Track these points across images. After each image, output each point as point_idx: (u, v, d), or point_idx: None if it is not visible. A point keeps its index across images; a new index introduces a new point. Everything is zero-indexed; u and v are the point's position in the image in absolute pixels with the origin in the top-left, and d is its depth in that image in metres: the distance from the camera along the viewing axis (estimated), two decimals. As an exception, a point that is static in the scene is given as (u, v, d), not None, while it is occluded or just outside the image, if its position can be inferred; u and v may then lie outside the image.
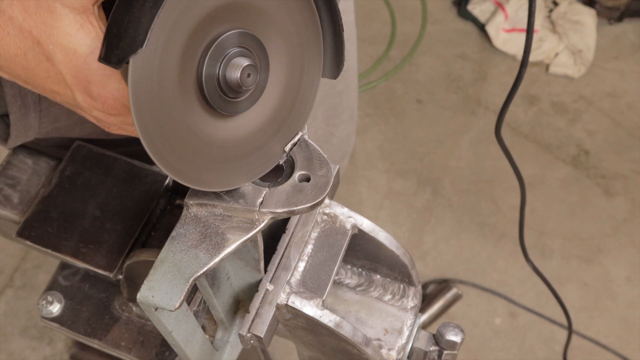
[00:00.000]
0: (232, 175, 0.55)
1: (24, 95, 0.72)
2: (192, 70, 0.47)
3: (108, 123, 0.51)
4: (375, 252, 0.70)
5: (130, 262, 0.68)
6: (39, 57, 0.47)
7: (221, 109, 0.50)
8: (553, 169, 2.22)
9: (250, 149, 0.55)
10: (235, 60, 0.48)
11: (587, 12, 2.49)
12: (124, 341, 0.77)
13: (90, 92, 0.47)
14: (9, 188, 0.78)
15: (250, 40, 0.49)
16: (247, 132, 0.54)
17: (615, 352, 1.90)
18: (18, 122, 0.74)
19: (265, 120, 0.55)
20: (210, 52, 0.47)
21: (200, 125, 0.50)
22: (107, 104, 0.48)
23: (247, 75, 0.49)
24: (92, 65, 0.46)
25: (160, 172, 0.77)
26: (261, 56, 0.51)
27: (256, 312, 0.61)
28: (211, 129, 0.51)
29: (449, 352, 0.68)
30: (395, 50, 2.48)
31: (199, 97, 0.48)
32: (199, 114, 0.49)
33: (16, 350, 1.85)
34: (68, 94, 0.49)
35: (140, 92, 0.44)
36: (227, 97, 0.50)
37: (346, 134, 1.22)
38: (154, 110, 0.45)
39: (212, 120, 0.50)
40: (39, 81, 0.49)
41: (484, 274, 2.02)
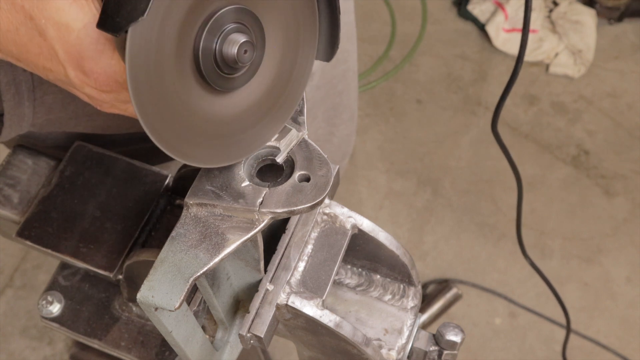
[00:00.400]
0: (227, 152, 0.54)
1: (18, 83, 0.72)
2: (189, 44, 0.47)
3: (100, 100, 0.50)
4: (375, 252, 0.70)
5: (130, 262, 0.68)
6: (31, 32, 0.47)
7: (216, 85, 0.50)
8: (553, 169, 2.22)
9: (245, 126, 0.55)
10: (233, 36, 0.48)
11: (587, 12, 2.49)
12: (124, 341, 0.77)
13: (82, 67, 0.47)
14: (9, 188, 0.78)
15: (247, 16, 0.49)
16: (242, 108, 0.54)
17: (615, 352, 1.90)
18: (12, 111, 0.74)
19: (259, 97, 0.55)
20: (208, 27, 0.47)
21: (196, 100, 0.49)
22: (99, 79, 0.48)
23: (244, 52, 0.48)
24: (84, 40, 0.46)
25: (160, 172, 0.77)
26: (258, 33, 0.50)
27: (256, 312, 0.61)
28: (206, 105, 0.50)
29: (449, 352, 0.68)
30: (395, 50, 2.48)
31: (195, 72, 0.48)
32: (194, 89, 0.49)
33: (16, 350, 1.85)
34: (60, 71, 0.49)
35: (138, 62, 0.43)
36: (222, 72, 0.49)
37: (346, 134, 1.22)
38: (150, 83, 0.45)
39: (207, 96, 0.50)
40: (31, 57, 0.49)
41: (484, 274, 2.02)
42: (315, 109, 1.09)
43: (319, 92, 1.07)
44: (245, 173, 0.57)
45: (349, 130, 1.23)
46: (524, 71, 2.42)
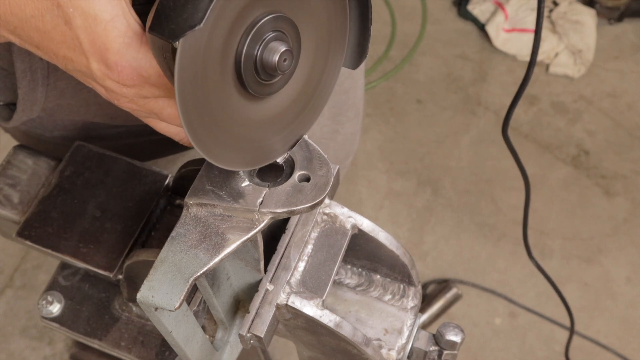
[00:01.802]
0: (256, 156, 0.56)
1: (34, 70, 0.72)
2: (232, 51, 0.48)
3: (120, 95, 0.50)
4: (375, 252, 0.70)
5: (130, 262, 0.68)
6: (56, 19, 0.47)
7: (254, 91, 0.51)
8: (553, 169, 2.22)
9: (275, 131, 0.56)
10: (273, 44, 0.49)
11: (587, 12, 2.49)
12: (124, 341, 0.77)
13: (106, 60, 0.47)
14: (9, 188, 0.78)
15: (286, 24, 0.50)
16: (273, 114, 0.55)
17: (615, 352, 1.90)
18: (26, 97, 0.75)
19: (289, 103, 0.56)
20: (252, 35, 0.47)
21: (233, 105, 0.50)
22: (123, 73, 0.48)
23: (283, 60, 0.49)
24: (111, 32, 0.46)
25: (160, 172, 0.77)
26: (295, 41, 0.51)
27: (256, 312, 0.61)
28: (242, 110, 0.52)
29: (449, 352, 0.68)
30: (395, 50, 2.48)
31: (235, 78, 0.49)
32: (233, 95, 0.50)
33: (16, 350, 1.85)
34: (82, 62, 0.49)
35: (186, 70, 0.44)
36: (260, 79, 0.50)
37: (351, 132, 1.22)
38: (194, 89, 0.46)
39: (244, 102, 0.51)
40: (52, 46, 0.49)
41: (484, 274, 2.02)
42: None
43: None
44: (245, 173, 0.57)
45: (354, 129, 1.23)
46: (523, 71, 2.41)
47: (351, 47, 0.58)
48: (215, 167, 0.58)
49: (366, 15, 0.55)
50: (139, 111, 0.53)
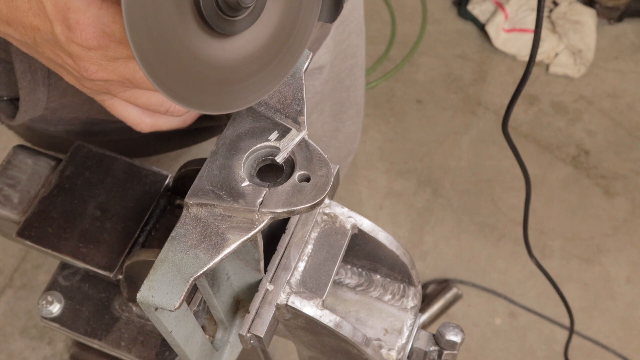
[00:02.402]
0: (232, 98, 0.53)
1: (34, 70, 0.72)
2: None
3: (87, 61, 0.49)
4: (375, 252, 0.70)
5: (130, 262, 0.68)
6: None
7: (218, 28, 0.48)
8: (553, 169, 2.22)
9: (248, 73, 0.54)
10: None
11: (587, 12, 2.49)
12: (124, 341, 0.77)
13: (68, 20, 0.46)
14: (9, 188, 0.78)
15: None
16: (245, 54, 0.52)
17: (615, 352, 1.90)
18: (27, 97, 0.74)
19: (264, 41, 0.53)
20: None
21: (197, 44, 0.48)
22: (86, 31, 0.47)
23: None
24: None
25: (160, 172, 0.77)
26: None
27: (256, 312, 0.61)
28: (209, 49, 0.49)
29: (449, 352, 0.68)
30: (395, 50, 2.48)
31: (196, 14, 0.47)
32: (195, 33, 0.47)
33: (16, 350, 1.85)
34: (47, 27, 0.48)
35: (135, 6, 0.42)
36: (225, 15, 0.48)
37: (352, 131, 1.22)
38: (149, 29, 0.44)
39: (210, 40, 0.49)
40: (19, 16, 0.48)
41: (484, 274, 2.02)
42: (323, 103, 1.09)
43: (327, 86, 1.06)
44: (245, 173, 0.57)
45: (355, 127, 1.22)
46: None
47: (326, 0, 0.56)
48: (214, 167, 0.57)
49: None
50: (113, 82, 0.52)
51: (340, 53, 1.05)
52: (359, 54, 1.12)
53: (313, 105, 1.07)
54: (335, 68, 1.05)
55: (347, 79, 1.10)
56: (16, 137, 0.94)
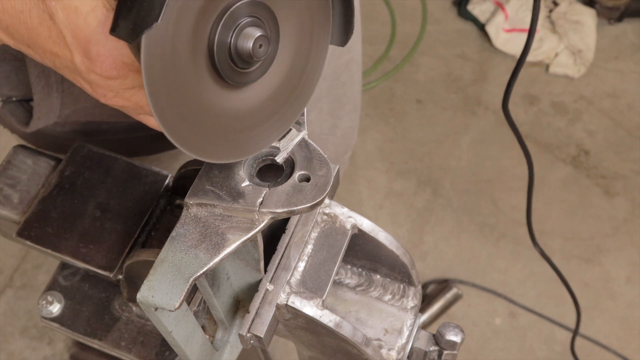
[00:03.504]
0: (238, 147, 0.54)
1: (47, 74, 0.72)
2: (204, 39, 0.46)
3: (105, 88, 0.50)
4: (375, 252, 0.70)
5: (130, 262, 0.68)
6: (42, 15, 0.47)
7: (230, 79, 0.49)
8: (553, 169, 2.22)
9: (258, 121, 0.54)
10: (248, 30, 0.47)
11: (587, 12, 2.49)
12: (124, 341, 0.77)
13: (88, 51, 0.47)
14: (9, 188, 0.78)
15: (261, 9, 0.48)
16: (255, 103, 0.53)
17: (616, 352, 1.90)
18: (41, 103, 0.75)
19: (272, 91, 0.54)
20: (223, 21, 0.46)
21: (210, 95, 0.49)
22: (105, 63, 0.47)
23: (259, 46, 0.48)
24: (92, 23, 0.46)
25: (160, 172, 0.77)
26: (272, 26, 0.50)
27: (256, 312, 0.61)
28: (220, 100, 0.50)
29: (449, 352, 0.68)
30: (395, 50, 2.48)
31: (209, 67, 0.48)
32: (208, 84, 0.48)
33: (16, 350, 1.85)
34: (67, 56, 0.49)
35: (153, 62, 0.43)
36: (237, 67, 0.49)
37: (349, 127, 1.22)
38: (165, 81, 0.45)
39: (221, 91, 0.50)
40: (40, 41, 0.49)
41: (484, 274, 2.02)
42: (321, 101, 1.09)
43: (324, 83, 1.06)
44: (245, 173, 0.57)
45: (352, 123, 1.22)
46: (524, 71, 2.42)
47: (336, 24, 0.56)
48: (215, 167, 0.57)
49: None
50: (128, 107, 0.53)
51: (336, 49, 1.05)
52: (355, 49, 1.12)
53: (312, 103, 1.07)
54: (331, 64, 1.05)
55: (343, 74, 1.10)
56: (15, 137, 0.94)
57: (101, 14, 0.46)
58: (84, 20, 0.46)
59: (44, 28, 0.48)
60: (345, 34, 0.57)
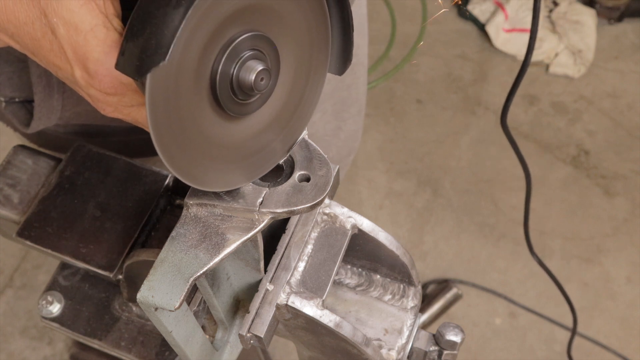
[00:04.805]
0: (233, 176, 0.55)
1: (49, 76, 0.73)
2: (207, 70, 0.47)
3: (104, 103, 0.51)
4: (375, 252, 0.70)
5: (130, 262, 0.68)
6: (44, 28, 0.48)
7: (230, 110, 0.50)
8: (553, 169, 2.22)
9: (253, 150, 0.55)
10: (250, 63, 0.48)
11: (587, 12, 2.49)
12: (124, 341, 0.77)
13: (87, 68, 0.48)
14: (9, 188, 0.78)
15: (264, 43, 0.49)
16: (251, 133, 0.54)
17: (616, 352, 1.90)
18: (42, 104, 0.75)
19: (269, 121, 0.55)
20: (227, 53, 0.47)
21: (208, 125, 0.50)
22: (104, 81, 0.48)
23: (260, 79, 0.49)
24: (91, 42, 0.47)
25: (160, 172, 0.77)
26: (274, 59, 0.51)
27: (256, 312, 0.61)
28: (218, 129, 0.51)
29: (449, 352, 0.68)
30: (395, 50, 2.48)
31: (210, 97, 0.49)
32: (208, 114, 0.49)
33: (16, 350, 1.85)
34: (68, 69, 0.49)
35: (157, 98, 0.44)
36: (237, 99, 0.50)
37: (354, 129, 1.22)
38: (168, 113, 0.45)
39: (220, 121, 0.51)
40: (43, 52, 0.50)
41: (484, 274, 2.02)
42: (325, 102, 1.09)
43: (329, 85, 1.07)
44: (245, 173, 0.57)
45: (356, 125, 1.22)
46: (524, 71, 2.42)
47: (335, 54, 0.57)
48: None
49: (347, 22, 0.54)
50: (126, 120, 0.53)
51: None
52: (360, 53, 1.12)
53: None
54: None
55: (348, 77, 1.10)
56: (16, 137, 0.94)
57: (101, 33, 0.46)
58: (83, 38, 0.47)
59: (46, 41, 0.49)
60: (343, 64, 0.57)
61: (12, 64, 0.76)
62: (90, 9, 0.46)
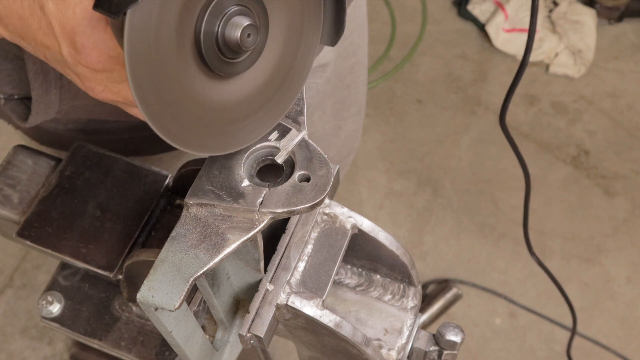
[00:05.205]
0: (226, 140, 0.54)
1: (46, 71, 0.72)
2: (190, 27, 0.46)
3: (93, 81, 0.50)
4: (375, 252, 0.70)
5: (130, 262, 0.68)
6: (33, 5, 0.47)
7: (218, 70, 0.49)
8: (553, 169, 2.22)
9: (246, 113, 0.54)
10: (236, 19, 0.47)
11: (587, 12, 2.49)
12: (124, 341, 0.77)
13: (74, 43, 0.47)
14: (9, 188, 0.78)
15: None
16: (243, 95, 0.53)
17: (616, 352, 1.90)
18: (39, 99, 0.75)
19: (261, 83, 0.54)
20: (210, 9, 0.46)
21: (196, 85, 0.48)
22: (91, 55, 0.47)
23: (247, 35, 0.47)
24: (78, 15, 0.46)
25: (160, 172, 0.77)
26: (261, 16, 0.49)
27: (256, 312, 0.61)
28: (206, 90, 0.49)
29: (449, 352, 0.68)
30: (395, 50, 2.48)
31: (196, 56, 0.47)
32: (194, 74, 0.48)
33: (16, 350, 1.85)
34: (55, 47, 0.48)
35: (136, 45, 0.42)
36: (224, 57, 0.48)
37: (353, 129, 1.22)
38: (149, 67, 0.44)
39: (208, 82, 0.49)
40: (31, 33, 0.49)
41: (484, 274, 2.02)
42: (325, 102, 1.09)
43: (329, 85, 1.07)
44: (245, 173, 0.57)
45: (356, 125, 1.22)
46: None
47: (327, 23, 0.55)
48: (214, 167, 0.58)
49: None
50: (118, 102, 0.52)
51: (342, 51, 1.05)
52: (361, 52, 1.12)
53: (315, 104, 1.07)
54: (337, 67, 1.06)
55: (348, 77, 1.10)
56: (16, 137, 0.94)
57: (89, 5, 0.45)
58: (72, 12, 0.46)
59: (35, 19, 0.48)
60: (335, 33, 0.56)
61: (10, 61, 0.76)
62: None
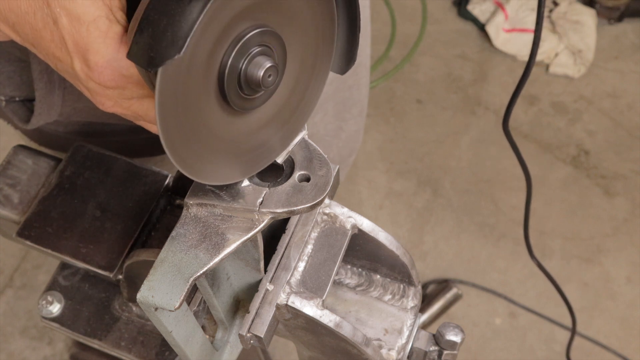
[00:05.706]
0: (233, 170, 0.55)
1: (50, 72, 0.73)
2: (216, 65, 0.47)
3: (104, 97, 0.51)
4: (375, 252, 0.70)
5: (130, 262, 0.68)
6: (46, 18, 0.48)
7: (235, 105, 0.50)
8: (553, 169, 2.22)
9: (253, 145, 0.55)
10: (259, 59, 0.48)
11: (587, 12, 2.49)
12: (124, 341, 0.77)
13: (87, 60, 0.47)
14: (9, 188, 0.78)
15: (272, 39, 0.49)
16: (253, 128, 0.54)
17: (616, 352, 1.90)
18: (43, 100, 0.75)
19: (270, 117, 0.55)
20: (237, 49, 0.47)
21: (213, 119, 0.50)
22: (104, 73, 0.48)
23: (268, 76, 0.49)
24: (93, 33, 0.46)
25: (160, 172, 0.77)
26: (281, 56, 0.51)
27: (256, 312, 0.61)
28: (222, 124, 0.51)
29: (449, 352, 0.68)
30: (395, 50, 2.48)
31: (217, 92, 0.49)
32: (214, 108, 0.49)
33: (16, 350, 1.85)
34: (68, 61, 0.49)
35: (166, 91, 0.44)
36: (243, 94, 0.50)
37: (355, 130, 1.22)
38: (175, 105, 0.45)
39: (224, 116, 0.51)
40: (44, 44, 0.50)
41: (484, 274, 2.02)
42: (327, 103, 1.09)
43: (330, 86, 1.07)
44: (245, 173, 0.57)
45: (357, 126, 1.22)
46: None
47: (339, 54, 0.57)
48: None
49: (354, 23, 0.54)
50: (127, 115, 0.53)
51: None
52: (363, 54, 1.12)
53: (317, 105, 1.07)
54: None
55: (350, 78, 1.10)
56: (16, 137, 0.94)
57: (103, 24, 0.46)
58: (86, 29, 0.46)
59: (48, 31, 0.48)
60: (346, 63, 0.57)
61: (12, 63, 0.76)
62: (94, 0, 0.46)
